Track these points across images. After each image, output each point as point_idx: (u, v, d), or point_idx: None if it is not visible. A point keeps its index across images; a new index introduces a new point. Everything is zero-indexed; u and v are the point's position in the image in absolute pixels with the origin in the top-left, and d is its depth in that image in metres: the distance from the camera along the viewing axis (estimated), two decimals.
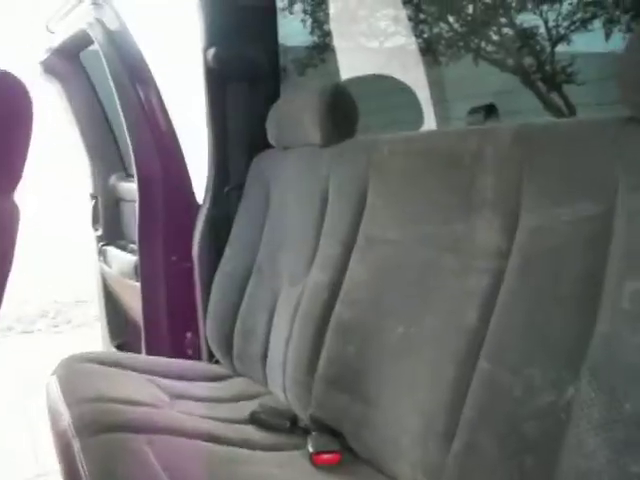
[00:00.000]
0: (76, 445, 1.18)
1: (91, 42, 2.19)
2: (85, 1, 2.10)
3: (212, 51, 1.90)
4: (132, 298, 2.34)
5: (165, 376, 1.69)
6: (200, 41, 1.92)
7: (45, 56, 2.47)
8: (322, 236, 1.50)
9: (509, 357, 0.94)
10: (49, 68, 2.47)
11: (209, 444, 1.27)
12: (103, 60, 2.08)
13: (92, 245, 2.77)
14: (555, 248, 0.92)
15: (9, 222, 1.27)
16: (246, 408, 1.50)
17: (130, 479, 1.08)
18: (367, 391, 1.23)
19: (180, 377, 1.72)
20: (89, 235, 2.81)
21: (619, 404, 0.76)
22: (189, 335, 2.17)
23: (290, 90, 2.13)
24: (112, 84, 2.10)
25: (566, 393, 0.83)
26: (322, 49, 3.75)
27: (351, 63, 3.25)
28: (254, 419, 1.44)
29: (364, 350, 1.26)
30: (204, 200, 2.07)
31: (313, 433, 1.34)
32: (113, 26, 2.03)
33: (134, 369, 1.67)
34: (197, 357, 2.11)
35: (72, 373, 1.53)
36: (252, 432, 1.40)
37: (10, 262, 1.33)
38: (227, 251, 1.92)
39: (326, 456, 1.26)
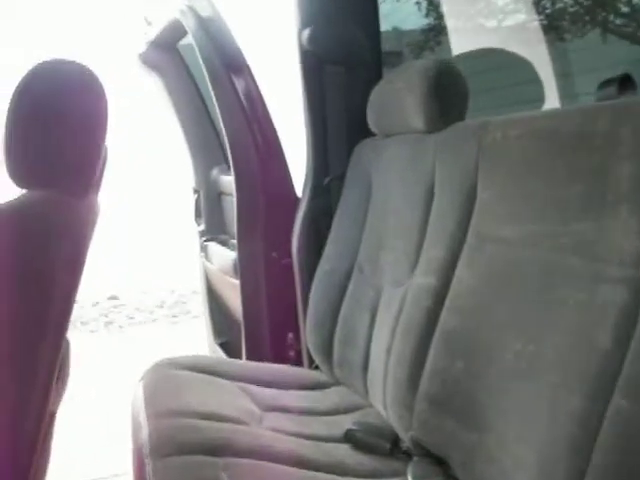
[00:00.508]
0: (149, 465, 1.09)
1: (186, 32, 2.11)
2: None
3: (308, 32, 1.75)
4: (233, 296, 2.26)
5: (259, 384, 1.57)
6: (295, 22, 1.78)
7: (143, 48, 2.42)
8: (427, 234, 1.33)
9: None
10: (147, 60, 2.42)
11: (294, 469, 1.13)
12: (196, 49, 1.99)
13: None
14: None
15: (82, 223, 1.20)
16: (343, 423, 1.36)
17: None
18: (478, 416, 1.05)
19: (275, 384, 1.60)
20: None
21: None
22: (290, 337, 2.06)
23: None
24: (206, 74, 2.01)
25: None
26: (438, 31, 3.59)
27: (468, 43, 3.05)
28: (350, 438, 1.29)
29: (473, 367, 1.08)
30: (303, 193, 1.94)
31: (415, 459, 1.17)
32: (205, 13, 1.93)
33: (227, 376, 1.57)
34: (299, 361, 1.99)
35: (159, 380, 1.45)
36: (346, 454, 1.25)
37: (83, 263, 1.26)
38: (327, 248, 1.78)
39: None
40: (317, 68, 1.81)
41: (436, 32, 3.63)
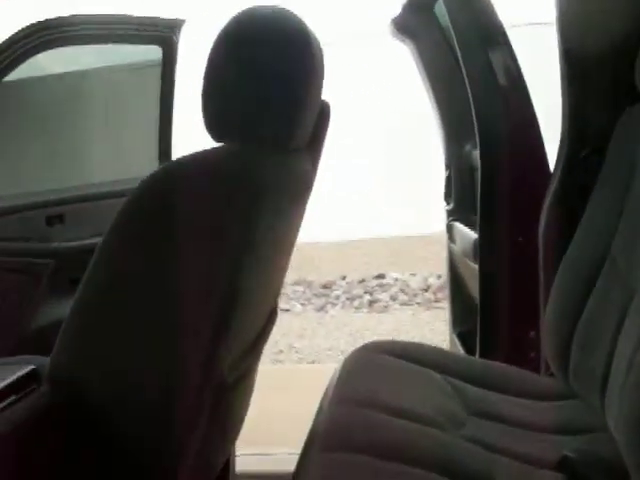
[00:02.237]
0: (312, 456, 0.96)
1: None
2: None
3: None
4: (473, 282, 2.05)
5: (475, 383, 1.36)
6: None
7: (398, 12, 2.28)
8: None
9: None
10: (401, 25, 2.28)
11: None
12: (445, 12, 1.81)
13: None
14: None
15: (287, 183, 1.12)
16: (565, 446, 1.10)
17: None
18: None
19: (496, 388, 1.37)
20: None
21: None
22: (532, 335, 1.80)
23: None
24: (456, 42, 1.83)
25: None
26: None
27: None
28: (565, 466, 1.03)
29: None
30: (555, 167, 1.67)
31: None
32: None
33: (439, 369, 1.38)
34: (538, 364, 1.73)
35: (357, 364, 1.31)
36: None
37: (289, 229, 1.20)
38: (577, 233, 1.50)
39: None
40: (575, 24, 1.52)
41: None
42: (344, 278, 6.33)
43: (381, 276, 6.38)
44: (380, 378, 1.25)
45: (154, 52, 2.32)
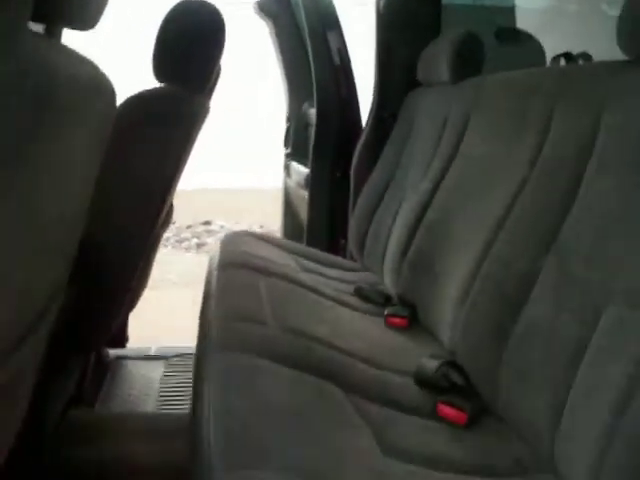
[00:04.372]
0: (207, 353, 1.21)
1: None
2: None
3: (384, 1, 2.25)
4: (302, 206, 2.81)
5: (307, 258, 2.12)
6: None
7: None
8: (436, 154, 1.82)
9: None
10: (263, 7, 2.96)
11: (316, 295, 1.67)
12: (300, 4, 2.52)
13: None
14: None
15: (195, 115, 1.74)
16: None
17: (241, 303, 1.48)
18: (436, 273, 1.55)
19: (318, 262, 2.14)
20: None
21: None
22: (343, 242, 2.58)
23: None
24: (305, 26, 2.54)
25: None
26: None
27: None
28: (357, 292, 1.82)
29: (438, 243, 1.58)
30: (366, 125, 2.45)
31: (394, 305, 1.69)
32: None
33: (285, 248, 2.13)
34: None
35: (233, 241, 2.01)
36: (353, 299, 1.78)
37: (189, 151, 1.78)
38: (376, 168, 2.29)
39: (396, 320, 1.61)
40: (388, 29, 2.30)
41: None
42: (173, 223, 6.81)
43: (208, 223, 6.96)
44: (251, 250, 1.95)
45: None
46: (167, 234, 6.51)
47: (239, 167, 7.94)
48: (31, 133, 0.69)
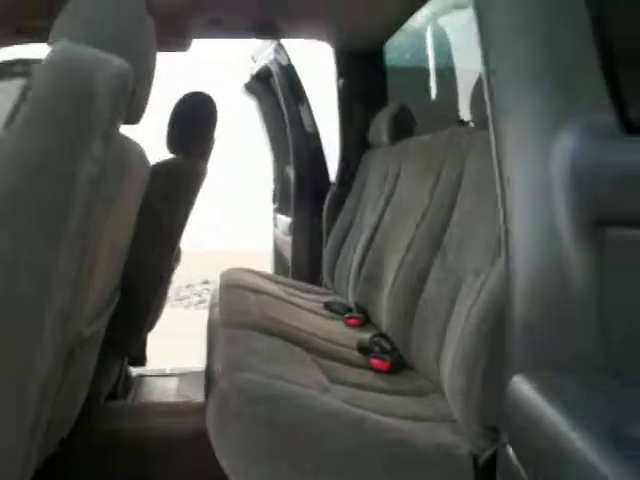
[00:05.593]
0: (215, 330, 1.80)
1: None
2: (271, 45, 3.19)
3: (342, 81, 2.88)
4: (287, 250, 3.39)
5: (289, 286, 2.69)
6: (335, 74, 2.92)
7: (247, 80, 3.62)
8: (380, 198, 2.42)
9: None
10: (249, 88, 3.62)
11: (292, 306, 2.23)
12: (277, 85, 3.16)
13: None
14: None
15: (197, 178, 2.33)
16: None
17: (236, 305, 2.04)
18: (379, 284, 2.12)
19: (298, 288, 2.71)
20: None
21: None
22: (320, 277, 3.16)
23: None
24: (282, 102, 3.18)
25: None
26: None
27: None
28: (326, 306, 2.39)
29: (380, 262, 2.16)
30: (334, 182, 3.06)
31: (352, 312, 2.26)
32: (284, 62, 3.10)
33: (272, 279, 2.70)
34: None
35: (231, 274, 2.58)
36: (321, 310, 2.34)
37: (190, 208, 2.37)
38: (340, 214, 2.88)
39: (352, 321, 2.17)
40: (348, 103, 2.93)
41: None
42: (171, 282, 7.27)
43: (207, 282, 7.49)
44: (245, 278, 2.52)
45: None
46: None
47: (233, 230, 8.54)
48: (118, 187, 1.27)
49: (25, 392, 1.02)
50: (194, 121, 2.29)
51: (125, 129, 1.27)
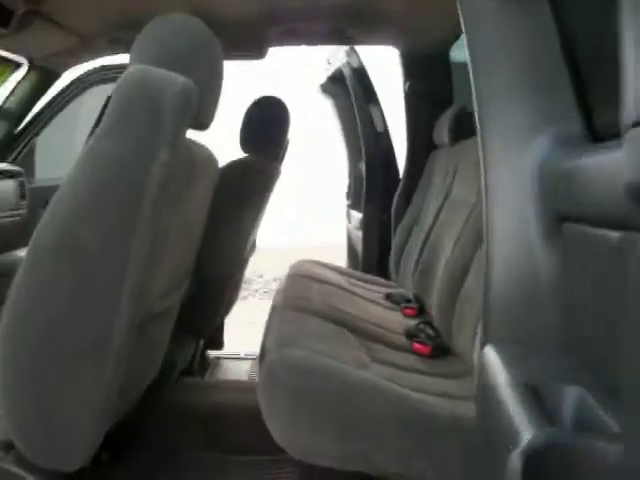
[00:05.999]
0: (276, 311, 2.01)
1: None
2: (344, 48, 3.37)
3: (408, 84, 3.02)
4: (358, 243, 3.56)
5: (354, 277, 2.86)
6: (402, 77, 3.06)
7: (323, 81, 3.81)
8: (439, 198, 2.55)
9: None
10: (325, 89, 3.80)
11: (353, 295, 2.40)
12: (349, 87, 3.33)
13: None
14: None
15: (270, 178, 2.53)
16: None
17: (298, 292, 2.23)
18: (433, 276, 2.26)
19: (363, 280, 2.87)
20: None
21: None
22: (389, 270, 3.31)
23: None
24: (354, 102, 3.35)
25: None
26: None
27: None
28: (387, 296, 2.54)
29: (433, 257, 2.30)
30: (402, 177, 3.20)
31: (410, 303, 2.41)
32: (356, 65, 3.27)
33: (339, 271, 2.88)
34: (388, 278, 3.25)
35: (300, 266, 2.77)
36: (382, 300, 2.50)
37: (264, 207, 2.56)
38: (407, 212, 3.02)
39: (409, 310, 2.32)
40: (416, 105, 3.07)
41: None
42: (261, 276, 7.44)
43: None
44: (312, 269, 2.70)
45: None
46: (255, 286, 7.32)
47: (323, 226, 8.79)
48: (186, 186, 1.48)
49: (104, 356, 1.25)
50: (266, 124, 2.48)
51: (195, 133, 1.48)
